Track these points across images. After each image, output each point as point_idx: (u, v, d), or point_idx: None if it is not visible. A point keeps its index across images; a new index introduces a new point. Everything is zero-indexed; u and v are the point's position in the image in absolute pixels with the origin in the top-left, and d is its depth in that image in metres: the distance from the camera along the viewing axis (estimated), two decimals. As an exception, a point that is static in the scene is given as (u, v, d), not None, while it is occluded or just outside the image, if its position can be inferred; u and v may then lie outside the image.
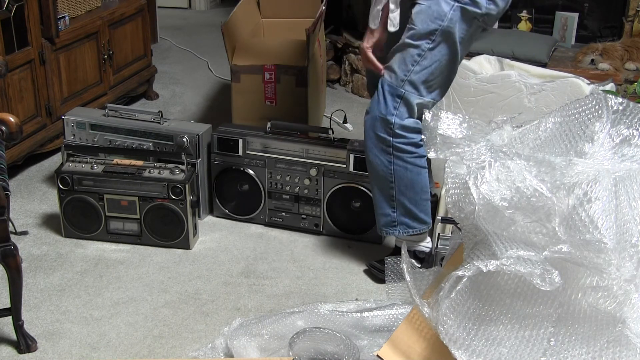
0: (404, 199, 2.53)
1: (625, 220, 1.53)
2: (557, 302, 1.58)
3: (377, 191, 2.57)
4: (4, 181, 2.20)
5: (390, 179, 2.51)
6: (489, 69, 3.68)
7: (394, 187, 2.52)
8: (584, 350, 1.52)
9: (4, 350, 2.27)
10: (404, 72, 2.44)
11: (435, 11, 2.40)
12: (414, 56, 2.43)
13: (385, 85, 2.47)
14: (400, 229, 2.56)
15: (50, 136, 3.37)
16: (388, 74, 2.48)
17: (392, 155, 2.49)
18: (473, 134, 1.74)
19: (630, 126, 1.66)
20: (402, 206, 2.54)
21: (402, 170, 2.50)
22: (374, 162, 2.52)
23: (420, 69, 2.44)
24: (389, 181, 2.52)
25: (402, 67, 2.45)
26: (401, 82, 2.44)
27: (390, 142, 2.47)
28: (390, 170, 2.50)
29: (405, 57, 2.44)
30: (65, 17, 3.40)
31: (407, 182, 2.52)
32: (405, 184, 2.52)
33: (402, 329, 1.75)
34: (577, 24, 4.27)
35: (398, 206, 2.54)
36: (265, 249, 2.85)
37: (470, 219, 1.64)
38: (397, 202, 2.54)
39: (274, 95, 3.42)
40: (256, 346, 2.16)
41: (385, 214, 2.57)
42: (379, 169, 2.52)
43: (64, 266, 2.69)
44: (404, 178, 2.51)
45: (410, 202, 2.53)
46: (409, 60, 2.44)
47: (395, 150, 2.48)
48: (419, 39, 2.42)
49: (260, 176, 2.93)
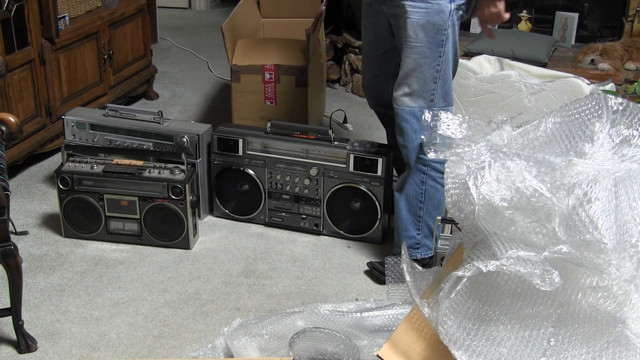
0: (430, 220, 2.53)
1: (625, 221, 1.53)
2: (557, 302, 1.57)
3: (405, 212, 2.53)
4: (4, 181, 2.21)
5: (421, 199, 2.50)
6: (489, 69, 3.68)
7: (423, 208, 2.51)
8: (584, 351, 1.52)
9: (4, 350, 2.27)
10: (429, 92, 2.40)
11: (436, 22, 2.34)
12: (433, 73, 2.39)
13: (417, 113, 2.40)
14: (422, 251, 2.55)
15: (50, 136, 3.37)
16: (412, 101, 2.41)
17: (425, 175, 2.47)
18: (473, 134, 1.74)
19: (630, 126, 1.65)
20: (427, 227, 2.53)
21: (432, 190, 2.49)
22: (407, 184, 2.50)
23: (442, 83, 2.41)
24: (419, 201, 2.50)
25: (425, 88, 2.39)
26: (430, 102, 2.40)
27: (427, 162, 2.45)
28: (421, 190, 2.49)
29: (424, 77, 2.39)
30: (65, 17, 3.41)
31: (435, 202, 2.51)
32: (434, 204, 2.51)
33: (402, 329, 1.75)
34: (577, 24, 4.26)
35: (423, 227, 2.53)
36: (265, 249, 2.85)
37: (470, 219, 1.64)
38: (423, 223, 2.53)
39: (274, 95, 3.42)
40: (256, 346, 2.16)
41: (410, 235, 2.55)
42: (410, 189, 2.50)
43: (64, 266, 2.69)
44: (433, 199, 2.50)
45: (434, 223, 2.53)
46: (430, 78, 2.39)
47: (430, 169, 2.46)
48: (430, 54, 2.37)
49: (260, 176, 2.93)
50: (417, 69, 2.38)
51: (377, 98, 2.78)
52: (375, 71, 2.69)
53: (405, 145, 2.47)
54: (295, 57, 3.40)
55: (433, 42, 2.35)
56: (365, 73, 2.77)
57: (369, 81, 2.75)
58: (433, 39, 2.35)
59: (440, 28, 2.34)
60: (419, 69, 2.38)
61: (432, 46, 2.35)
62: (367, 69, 2.76)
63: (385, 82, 2.69)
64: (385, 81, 2.69)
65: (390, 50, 2.59)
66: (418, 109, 2.40)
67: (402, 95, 2.43)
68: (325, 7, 3.66)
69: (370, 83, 2.74)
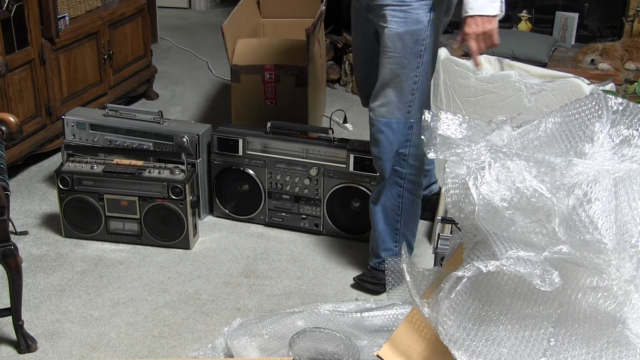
0: (407, 231, 2.49)
1: (625, 221, 1.53)
2: (557, 302, 1.57)
3: (382, 224, 2.49)
4: (4, 181, 2.21)
5: (398, 211, 2.45)
6: (489, 69, 3.68)
7: (400, 220, 2.46)
8: (584, 351, 1.52)
9: (4, 350, 2.27)
10: (407, 104, 2.33)
11: (415, 32, 2.27)
12: (411, 84, 2.31)
13: (393, 124, 2.35)
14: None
15: (50, 136, 3.37)
16: (388, 112, 2.34)
17: (402, 188, 2.43)
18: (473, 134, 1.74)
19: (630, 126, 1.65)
20: (404, 238, 2.50)
21: (409, 202, 2.45)
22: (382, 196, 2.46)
23: (420, 93, 2.34)
24: (396, 214, 2.46)
25: (402, 99, 2.32)
26: (407, 114, 2.34)
27: (403, 174, 2.40)
28: (398, 203, 2.44)
29: (401, 88, 2.31)
30: (65, 17, 3.40)
31: (412, 214, 2.48)
32: (411, 216, 2.48)
33: (402, 329, 1.75)
34: (577, 24, 4.26)
35: (401, 239, 2.49)
36: (265, 249, 2.85)
37: (470, 219, 1.64)
38: (401, 235, 2.49)
39: (274, 95, 3.42)
40: (256, 346, 2.16)
41: (388, 248, 2.51)
42: (387, 202, 2.45)
43: (64, 266, 2.69)
44: (410, 211, 2.47)
45: (411, 234, 2.51)
46: (407, 90, 2.32)
47: (407, 182, 2.42)
48: (409, 65, 2.29)
49: (260, 176, 2.93)
50: (395, 79, 2.31)
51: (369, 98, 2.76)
52: (365, 75, 2.65)
53: (380, 157, 2.40)
54: (295, 57, 3.40)
55: (411, 52, 2.28)
56: (357, 75, 2.76)
57: (361, 83, 2.74)
58: (411, 49, 2.28)
59: (418, 38, 2.27)
60: (397, 80, 2.31)
61: (410, 56, 2.28)
62: (357, 72, 2.74)
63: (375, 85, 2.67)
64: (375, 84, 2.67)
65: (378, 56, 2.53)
66: (395, 121, 2.34)
67: (378, 106, 2.36)
68: (325, 7, 3.66)
69: (362, 84, 2.73)
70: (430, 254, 2.70)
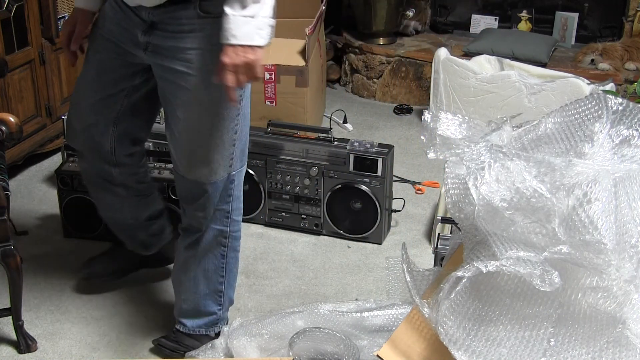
0: (231, 290, 2.25)
1: (625, 221, 1.53)
2: (557, 302, 1.58)
3: (204, 288, 2.18)
4: (4, 181, 2.21)
5: (222, 273, 2.19)
6: (489, 69, 3.68)
7: (224, 282, 2.20)
8: (584, 351, 1.52)
9: (4, 350, 2.27)
10: (227, 158, 2.02)
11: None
12: (231, 134, 2.00)
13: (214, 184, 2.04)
14: (221, 324, 2.24)
15: (50, 136, 3.37)
16: (208, 172, 2.01)
17: (227, 248, 2.17)
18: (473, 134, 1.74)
19: (630, 127, 1.66)
20: (228, 300, 2.25)
21: (233, 261, 2.21)
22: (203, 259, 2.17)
23: (239, 141, 2.04)
24: (220, 276, 2.19)
25: (223, 154, 2.01)
26: (229, 167, 2.04)
27: (227, 233, 2.14)
28: (222, 264, 2.18)
29: (222, 142, 1.99)
30: (65, 17, 3.40)
31: (235, 272, 2.24)
32: (234, 274, 2.24)
33: (402, 329, 1.75)
34: (577, 24, 4.27)
35: (225, 301, 2.23)
36: (265, 249, 2.85)
37: (470, 219, 1.64)
38: (225, 296, 2.22)
39: (274, 95, 3.42)
40: (256, 346, 2.16)
41: (211, 312, 2.21)
42: (209, 264, 2.17)
43: (63, 266, 2.69)
44: (233, 270, 2.22)
45: (233, 292, 2.27)
46: (228, 142, 2.00)
47: (231, 239, 2.17)
48: (229, 116, 1.97)
49: (260, 176, 2.93)
50: (207, 135, 1.98)
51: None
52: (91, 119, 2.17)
53: (206, 217, 2.10)
54: (295, 57, 3.40)
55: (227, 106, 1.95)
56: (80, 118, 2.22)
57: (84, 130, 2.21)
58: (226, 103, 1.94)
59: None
60: (212, 133, 1.98)
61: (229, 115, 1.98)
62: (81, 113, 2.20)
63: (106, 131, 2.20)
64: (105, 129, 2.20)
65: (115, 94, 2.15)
66: (216, 182, 2.05)
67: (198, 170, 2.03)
68: (325, 7, 3.66)
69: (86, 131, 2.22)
70: (430, 254, 2.70)
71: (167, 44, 1.94)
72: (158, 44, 1.96)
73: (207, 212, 2.09)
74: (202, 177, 2.02)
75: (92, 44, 2.13)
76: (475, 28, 4.48)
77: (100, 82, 2.11)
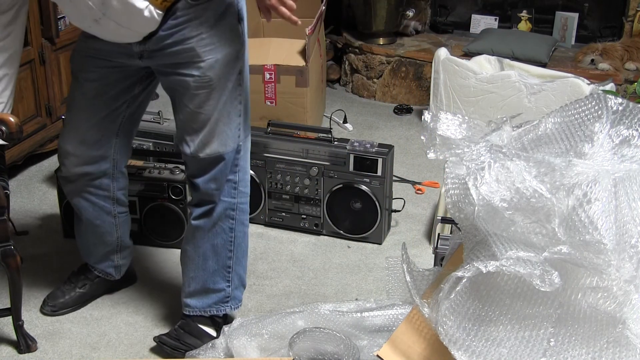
0: (240, 268, 2.25)
1: (624, 221, 1.53)
2: (557, 302, 1.58)
3: (213, 264, 2.20)
4: (4, 181, 2.21)
5: (230, 247, 2.19)
6: (489, 69, 3.68)
7: (233, 257, 2.20)
8: (584, 351, 1.52)
9: (4, 350, 2.27)
10: (235, 129, 2.09)
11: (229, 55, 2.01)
12: (237, 105, 2.07)
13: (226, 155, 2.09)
14: (232, 304, 2.26)
15: (50, 136, 3.37)
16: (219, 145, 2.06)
17: (235, 220, 2.17)
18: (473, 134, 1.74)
19: (630, 127, 1.66)
20: (237, 277, 2.24)
21: (242, 236, 2.21)
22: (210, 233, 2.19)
23: (244, 111, 2.11)
24: (229, 250, 2.19)
25: (230, 126, 2.07)
26: (237, 137, 2.10)
27: (235, 205, 2.16)
28: (231, 238, 2.18)
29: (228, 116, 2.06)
30: (65, 17, 3.40)
31: (244, 248, 2.24)
32: (243, 250, 2.24)
33: (402, 329, 1.75)
34: (577, 24, 4.27)
35: (234, 278, 2.23)
36: (265, 249, 2.85)
37: (470, 219, 1.64)
38: (234, 273, 2.22)
39: (274, 95, 3.42)
40: (256, 346, 2.16)
41: (220, 289, 2.22)
42: (217, 239, 2.18)
43: (64, 266, 2.69)
44: (242, 245, 2.22)
45: (243, 270, 2.27)
46: (234, 114, 2.07)
47: (239, 212, 2.18)
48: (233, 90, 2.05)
49: (260, 176, 2.93)
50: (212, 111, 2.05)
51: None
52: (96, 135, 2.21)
53: (219, 188, 2.13)
54: (295, 57, 3.40)
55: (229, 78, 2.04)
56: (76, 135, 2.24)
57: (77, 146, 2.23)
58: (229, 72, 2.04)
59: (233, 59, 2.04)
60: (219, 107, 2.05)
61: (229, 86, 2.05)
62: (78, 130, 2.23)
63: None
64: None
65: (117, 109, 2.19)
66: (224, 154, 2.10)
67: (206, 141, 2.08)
68: (325, 7, 3.66)
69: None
70: (430, 254, 2.70)
71: (164, 43, 1.97)
72: (154, 48, 1.99)
73: (220, 184, 2.13)
74: (214, 152, 2.07)
75: (80, 68, 2.15)
76: (475, 28, 4.48)
77: (102, 102, 2.15)
